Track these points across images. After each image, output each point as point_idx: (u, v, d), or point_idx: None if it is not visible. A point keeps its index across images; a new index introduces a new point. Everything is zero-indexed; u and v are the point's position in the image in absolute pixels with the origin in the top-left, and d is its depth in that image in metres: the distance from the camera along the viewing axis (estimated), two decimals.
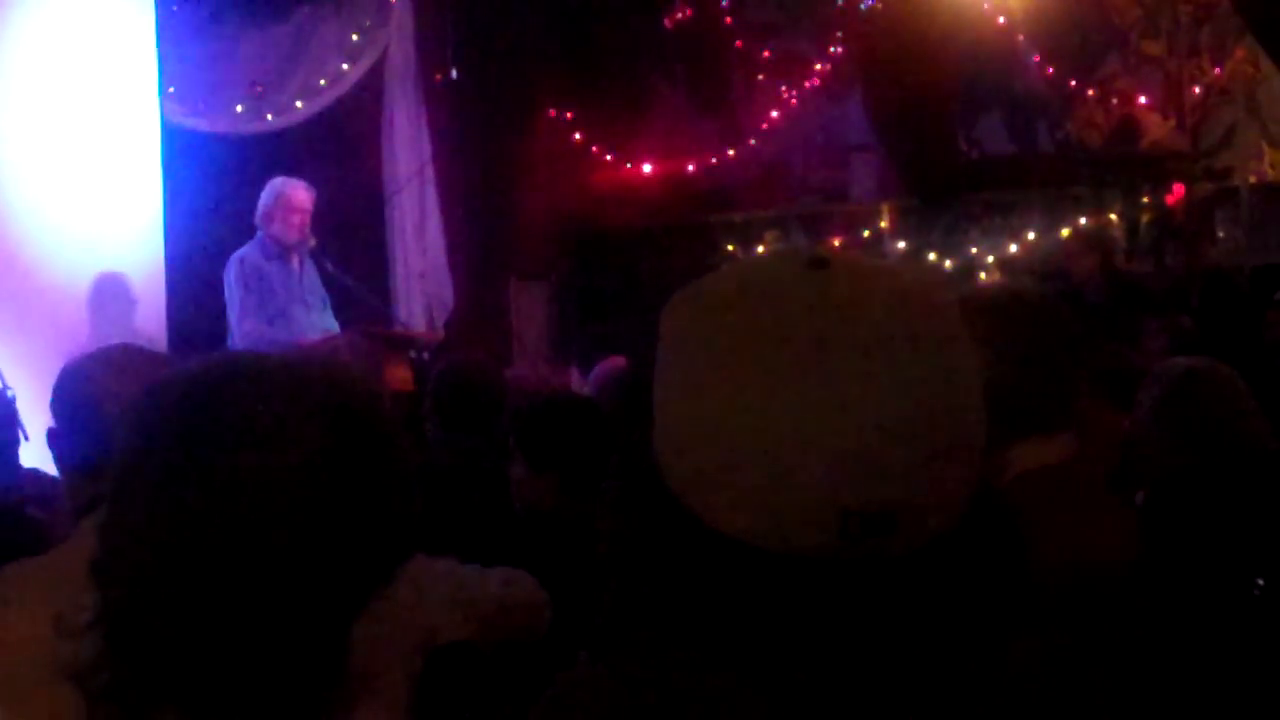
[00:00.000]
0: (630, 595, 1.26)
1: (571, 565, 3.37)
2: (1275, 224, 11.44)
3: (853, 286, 1.22)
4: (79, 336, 7.31)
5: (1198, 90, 12.25)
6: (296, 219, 8.26)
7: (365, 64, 10.64)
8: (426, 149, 11.17)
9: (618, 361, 7.15)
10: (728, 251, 12.40)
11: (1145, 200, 11.64)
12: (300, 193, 8.30)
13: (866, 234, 12.36)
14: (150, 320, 7.95)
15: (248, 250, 8.25)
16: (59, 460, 2.66)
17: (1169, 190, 11.60)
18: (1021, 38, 12.25)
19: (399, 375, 8.19)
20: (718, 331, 1.22)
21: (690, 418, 1.21)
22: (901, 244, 12.16)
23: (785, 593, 1.17)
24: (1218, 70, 12.21)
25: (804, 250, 1.27)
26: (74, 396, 2.56)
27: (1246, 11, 11.21)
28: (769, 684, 1.19)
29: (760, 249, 12.33)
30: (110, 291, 7.79)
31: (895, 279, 1.25)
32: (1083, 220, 11.53)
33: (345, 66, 10.47)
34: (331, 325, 8.43)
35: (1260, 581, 3.77)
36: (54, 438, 2.62)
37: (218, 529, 1.35)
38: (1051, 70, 12.38)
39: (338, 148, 10.52)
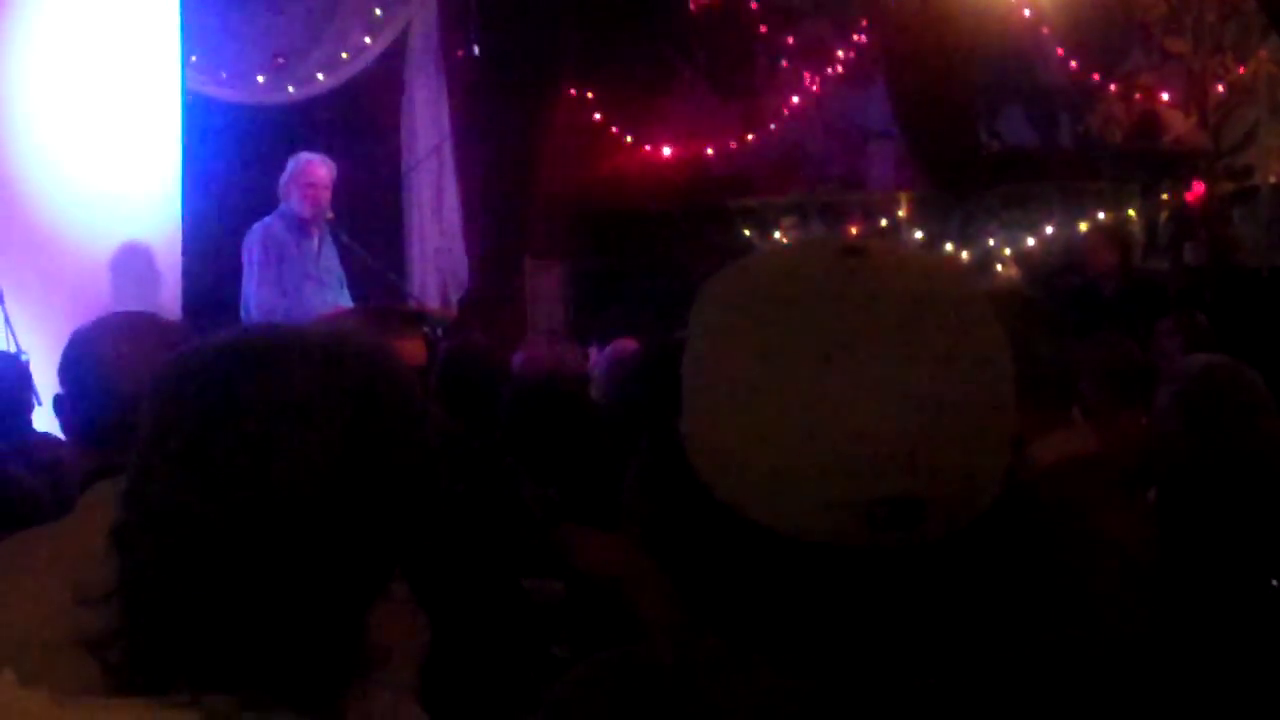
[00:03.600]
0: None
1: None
2: None
3: (886, 274, 1.20)
4: (94, 302, 7.29)
5: (1220, 88, 12.22)
6: (311, 194, 8.24)
7: (387, 38, 10.62)
8: (446, 125, 11.16)
9: (627, 343, 7.11)
10: (744, 236, 12.38)
11: (1165, 197, 11.62)
12: (318, 168, 8.29)
13: (884, 223, 12.33)
14: (165, 287, 7.95)
15: (271, 220, 8.26)
16: (65, 426, 2.63)
17: (1189, 187, 11.58)
18: (1046, 31, 12.22)
19: (412, 350, 8.16)
20: (750, 319, 1.20)
21: (721, 406, 1.19)
22: (919, 234, 12.13)
23: (814, 581, 1.16)
24: (1241, 68, 12.17)
25: (838, 238, 1.26)
26: (82, 363, 2.53)
27: (1271, 10, 11.17)
28: (797, 672, 1.18)
29: (778, 234, 12.32)
30: (126, 258, 7.79)
31: (929, 267, 1.24)
32: (1101, 215, 11.51)
33: (368, 40, 10.46)
34: (345, 304, 8.41)
35: (1276, 581, 3.76)
36: (60, 403, 2.59)
37: (241, 501, 1.34)
38: (1075, 64, 12.35)
39: (358, 121, 10.53)
